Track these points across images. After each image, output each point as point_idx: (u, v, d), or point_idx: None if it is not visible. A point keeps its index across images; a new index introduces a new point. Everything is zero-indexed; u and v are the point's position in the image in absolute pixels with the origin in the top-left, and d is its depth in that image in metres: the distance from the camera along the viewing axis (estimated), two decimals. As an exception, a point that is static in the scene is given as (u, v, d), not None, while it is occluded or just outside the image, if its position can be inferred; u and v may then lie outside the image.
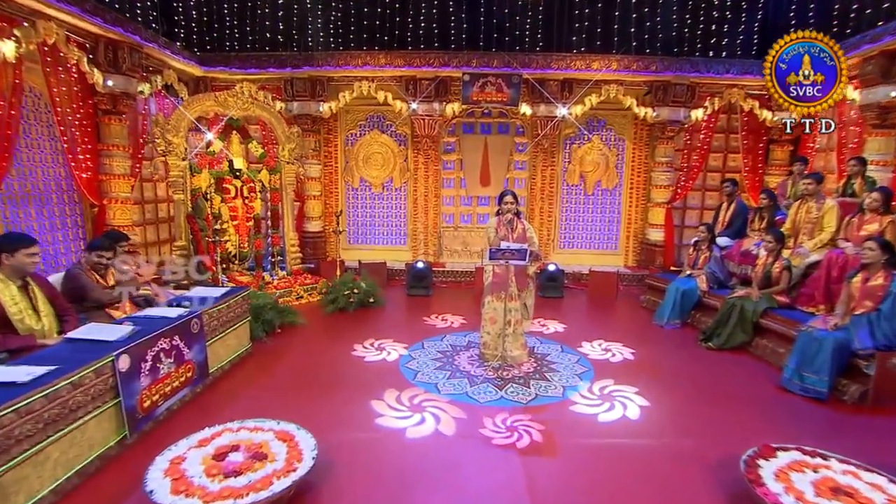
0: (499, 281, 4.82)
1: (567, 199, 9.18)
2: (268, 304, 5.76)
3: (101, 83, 6.04)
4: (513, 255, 4.44)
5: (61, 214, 6.15)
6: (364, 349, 5.37)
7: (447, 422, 3.86)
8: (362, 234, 9.29)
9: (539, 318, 6.49)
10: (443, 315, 6.66)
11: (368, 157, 8.99)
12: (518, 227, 4.93)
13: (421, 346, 5.51)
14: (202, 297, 4.68)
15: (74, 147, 6.01)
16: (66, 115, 5.87)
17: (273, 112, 7.53)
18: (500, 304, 4.79)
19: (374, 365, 4.98)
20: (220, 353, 4.62)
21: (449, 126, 8.87)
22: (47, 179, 5.96)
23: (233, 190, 7.13)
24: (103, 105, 6.28)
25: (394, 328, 6.09)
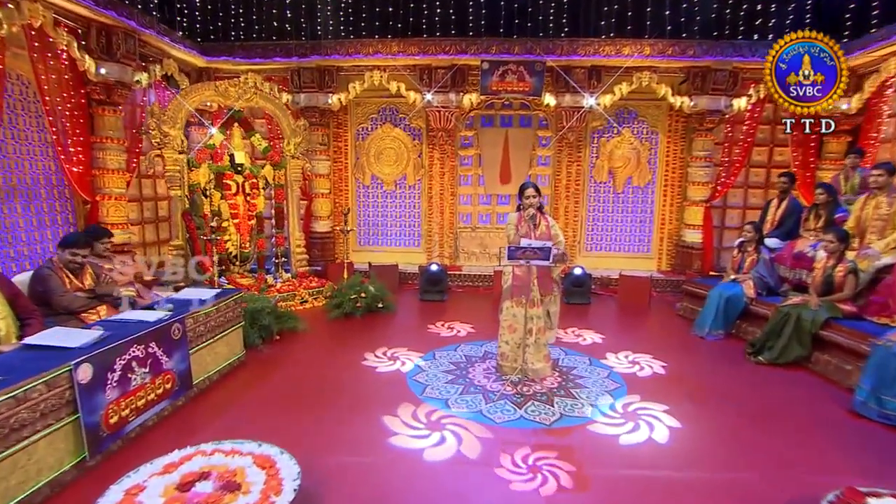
0: (519, 284, 4.39)
1: (594, 198, 8.68)
2: (266, 309, 5.41)
3: (94, 71, 5.81)
4: (535, 255, 4.00)
5: (50, 211, 5.93)
6: (377, 358, 5.01)
7: (470, 443, 3.45)
8: (373, 234, 8.93)
9: (573, 328, 6.06)
10: (450, 323, 6.24)
11: (380, 153, 8.65)
12: (541, 223, 4.51)
13: (432, 356, 5.10)
14: (188, 299, 4.35)
15: (65, 139, 5.79)
16: (56, 105, 5.65)
17: (278, 103, 7.24)
18: (521, 311, 4.38)
19: (383, 377, 4.61)
20: (208, 361, 4.28)
21: (466, 119, 8.48)
22: (35, 173, 5.74)
23: (234, 186, 6.84)
24: (96, 95, 6.06)
25: (402, 336, 5.71)
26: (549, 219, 4.58)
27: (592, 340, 5.69)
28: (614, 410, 3.99)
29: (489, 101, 8.32)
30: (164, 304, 4.04)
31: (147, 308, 3.99)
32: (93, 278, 3.96)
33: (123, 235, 6.47)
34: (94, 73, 5.83)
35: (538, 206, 4.49)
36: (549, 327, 4.72)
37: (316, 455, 3.20)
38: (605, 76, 7.75)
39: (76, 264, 3.79)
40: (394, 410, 3.90)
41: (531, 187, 4.46)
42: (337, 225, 8.77)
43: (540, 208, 4.53)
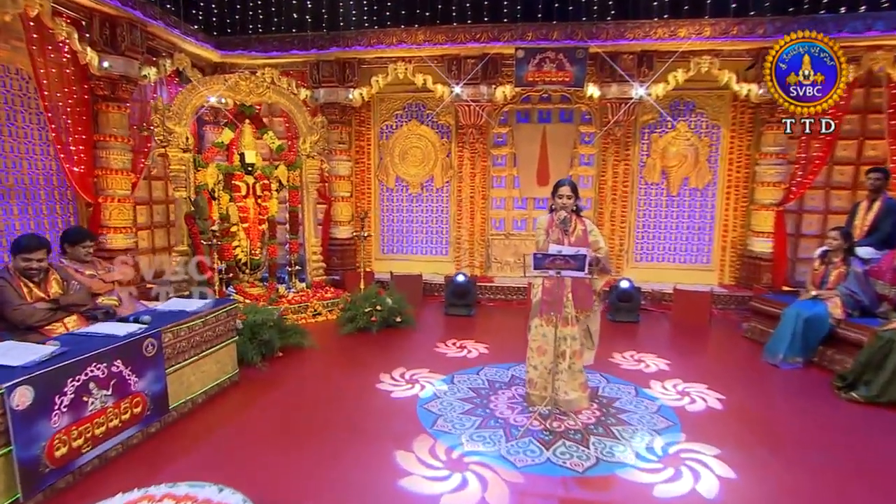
0: (549, 298, 3.89)
1: (645, 201, 8.01)
2: (268, 322, 5.07)
3: (96, 64, 5.69)
4: (566, 264, 3.47)
5: (50, 213, 5.83)
6: (393, 381, 4.60)
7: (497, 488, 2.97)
8: (397, 241, 8.56)
9: (631, 352, 5.46)
10: (463, 342, 5.75)
11: (405, 153, 8.29)
12: (577, 227, 3.99)
13: (451, 380, 4.61)
14: (173, 310, 4.04)
15: (66, 137, 5.68)
16: (56, 101, 5.55)
17: (293, 99, 6.99)
18: (552, 330, 3.86)
19: (396, 403, 4.18)
20: (192, 381, 3.95)
21: (500, 114, 8.01)
22: (34, 173, 5.65)
23: (244, 188, 6.60)
24: (100, 90, 5.94)
25: (416, 355, 5.27)
26: (588, 223, 4.05)
27: (657, 367, 5.05)
28: (651, 452, 3.40)
29: (525, 94, 7.83)
30: (143, 315, 3.72)
31: (122, 320, 3.68)
32: (60, 286, 3.69)
33: (127, 240, 6.32)
34: (97, 66, 5.71)
35: (574, 208, 3.99)
36: (589, 348, 4.20)
37: (290, 501, 2.76)
38: (657, 63, 7.11)
39: (34, 270, 3.52)
40: (409, 445, 3.46)
41: (566, 185, 3.96)
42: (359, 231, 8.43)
43: (576, 211, 4.03)
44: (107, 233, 6.13)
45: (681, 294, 6.87)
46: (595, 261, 3.89)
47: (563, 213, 3.87)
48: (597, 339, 4.21)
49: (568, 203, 3.92)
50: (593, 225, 4.08)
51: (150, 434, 3.51)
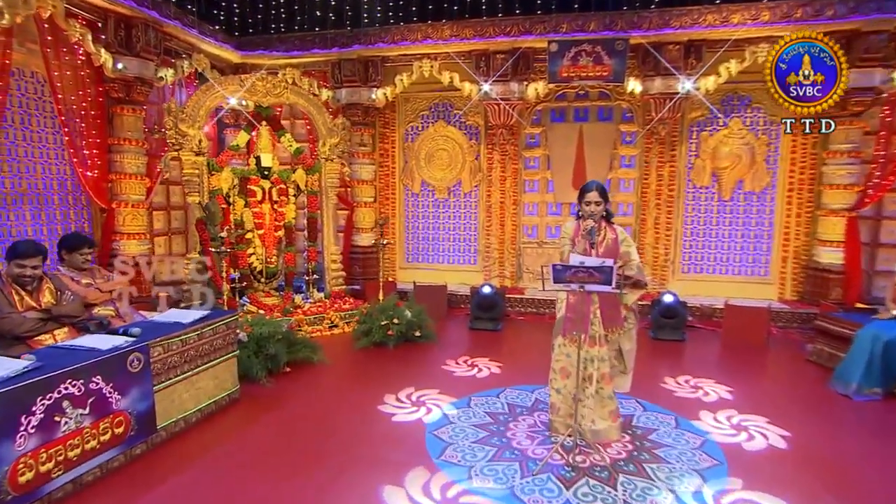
0: (574, 315, 3.58)
1: (694, 206, 7.53)
2: (275, 335, 4.93)
3: (111, 66, 5.74)
4: (590, 277, 3.17)
5: (64, 219, 5.90)
6: (398, 403, 4.36)
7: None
8: (423, 249, 8.36)
9: (686, 376, 4.99)
10: (475, 360, 5.47)
11: (432, 155, 8.10)
12: (606, 236, 3.69)
13: (467, 403, 4.33)
14: (167, 322, 3.93)
15: (79, 140, 5.74)
16: (70, 104, 5.62)
17: (313, 100, 6.92)
18: (576, 350, 3.53)
19: (400, 428, 3.94)
20: (184, 399, 3.82)
21: (532, 113, 7.72)
22: (48, 177, 5.73)
23: (259, 192, 6.55)
24: (115, 92, 5.99)
25: (429, 375, 5.02)
26: (619, 230, 3.73)
27: (717, 395, 4.59)
28: (698, 501, 3.00)
29: (560, 91, 7.52)
30: (133, 327, 3.62)
31: (111, 332, 3.58)
32: (53, 295, 3.62)
33: (141, 246, 6.34)
34: (112, 68, 5.76)
35: (603, 214, 3.70)
36: (622, 372, 3.85)
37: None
38: (706, 53, 6.67)
39: (27, 278, 3.46)
40: (401, 479, 3.19)
41: (594, 189, 3.65)
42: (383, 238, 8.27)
43: (607, 217, 3.73)
44: (120, 239, 6.16)
45: (733, 310, 6.36)
46: (624, 274, 3.56)
47: (591, 221, 3.56)
48: (631, 362, 3.84)
49: (596, 210, 3.62)
50: (625, 233, 3.75)
51: (135, 456, 3.38)
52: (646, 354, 5.85)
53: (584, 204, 3.65)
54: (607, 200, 3.69)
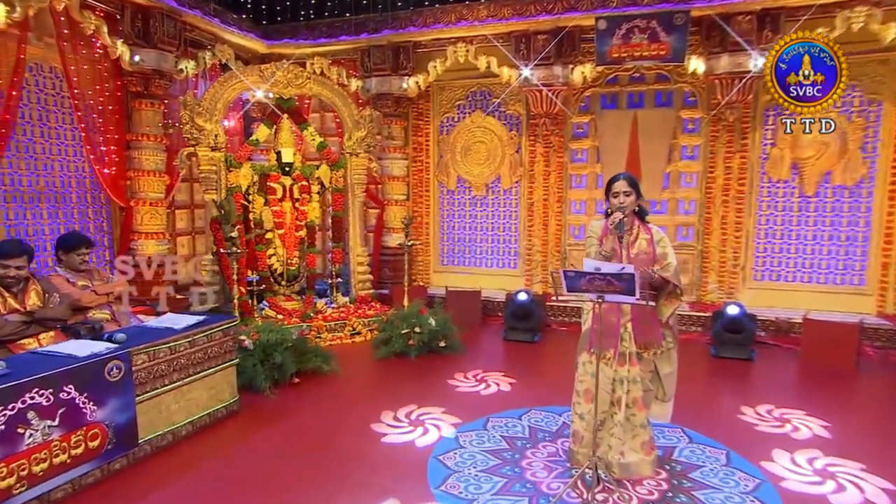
0: (601, 327, 3.25)
1: (769, 203, 6.92)
2: (284, 342, 4.85)
3: (128, 59, 5.86)
4: (608, 285, 2.85)
5: (82, 217, 6.08)
6: (394, 422, 4.18)
7: None
8: (459, 252, 8.14)
9: (767, 406, 4.49)
10: (483, 374, 5.21)
11: (468, 149, 7.88)
12: (639, 236, 3.38)
13: (482, 425, 4.08)
14: (160, 327, 3.91)
15: (96, 136, 5.91)
16: (87, 99, 5.79)
17: (337, 90, 6.87)
18: (606, 370, 3.29)
19: (397, 451, 3.76)
20: (173, 411, 3.78)
21: (580, 100, 7.36)
22: (66, 175, 5.92)
23: (279, 190, 6.52)
24: (133, 86, 6.12)
25: (438, 389, 4.84)
26: (655, 230, 3.41)
27: (812, 432, 4.06)
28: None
29: (611, 75, 7.12)
30: (118, 333, 3.59)
31: (96, 338, 3.56)
32: (39, 297, 3.66)
33: (160, 246, 6.45)
34: (129, 61, 5.88)
35: (636, 210, 3.38)
36: (661, 399, 3.51)
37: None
38: (785, 23, 6.10)
39: (11, 279, 3.50)
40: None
41: (623, 179, 3.35)
42: (416, 238, 8.12)
43: (640, 215, 3.42)
44: (138, 238, 6.30)
45: (814, 325, 5.77)
46: (660, 280, 3.23)
47: (619, 215, 3.22)
48: (671, 387, 3.50)
49: (626, 202, 3.28)
50: (661, 233, 3.41)
51: (113, 471, 3.34)
52: (704, 374, 5.47)
53: (611, 196, 3.33)
54: (640, 195, 3.36)
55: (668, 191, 7.18)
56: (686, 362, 5.74)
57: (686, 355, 5.98)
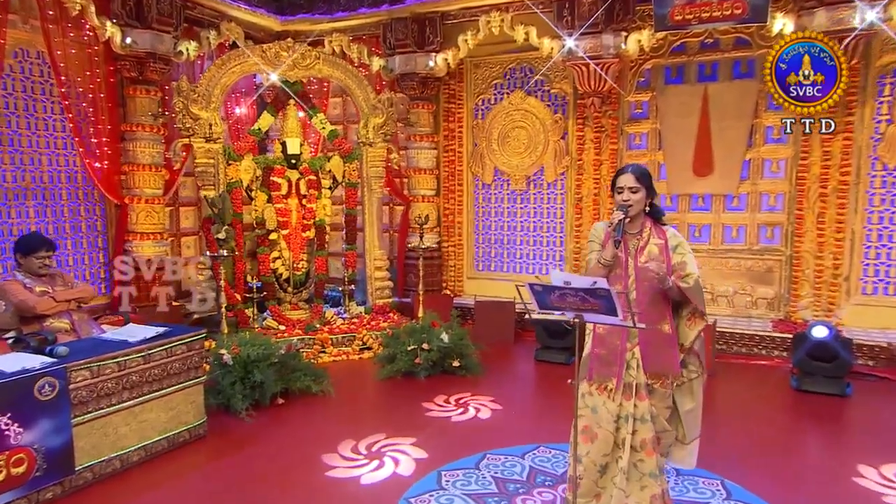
0: (603, 352, 3.07)
1: (883, 197, 6.29)
2: (267, 358, 4.82)
3: (119, 41, 6.02)
4: (583, 302, 2.58)
5: (73, 216, 6.33)
6: (353, 454, 4.08)
7: None
8: (497, 255, 7.92)
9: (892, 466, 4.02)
10: (464, 398, 4.88)
11: (506, 135, 7.68)
12: (650, 241, 3.05)
13: (475, 464, 3.87)
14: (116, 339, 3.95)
15: (87, 127, 6.12)
16: (76, 86, 6.01)
17: (351, 70, 6.84)
18: (608, 405, 3.03)
19: (364, 491, 3.62)
20: (123, 434, 3.82)
21: (638, 74, 7.03)
22: (55, 170, 6.17)
23: (284, 185, 6.55)
24: (127, 72, 6.30)
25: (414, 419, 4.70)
26: (671, 233, 3.09)
27: None
28: None
29: (677, 41, 6.72)
30: (59, 346, 3.64)
31: (37, 352, 3.63)
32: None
33: (157, 247, 6.60)
34: (120, 43, 6.03)
35: (647, 210, 3.07)
36: (682, 441, 3.18)
37: None
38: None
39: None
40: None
41: (631, 172, 3.03)
42: (446, 240, 7.97)
43: (654, 215, 3.11)
44: (133, 239, 6.48)
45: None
46: (678, 294, 2.94)
47: (618, 214, 2.95)
48: (694, 427, 3.16)
49: (632, 199, 2.98)
50: (678, 236, 3.08)
51: (43, 501, 3.39)
52: (775, 410, 5.04)
53: (616, 192, 3.05)
54: (652, 191, 3.05)
55: (748, 182, 6.71)
56: (756, 394, 5.51)
57: (759, 385, 5.71)
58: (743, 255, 6.78)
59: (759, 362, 6.15)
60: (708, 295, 6.86)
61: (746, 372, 5.94)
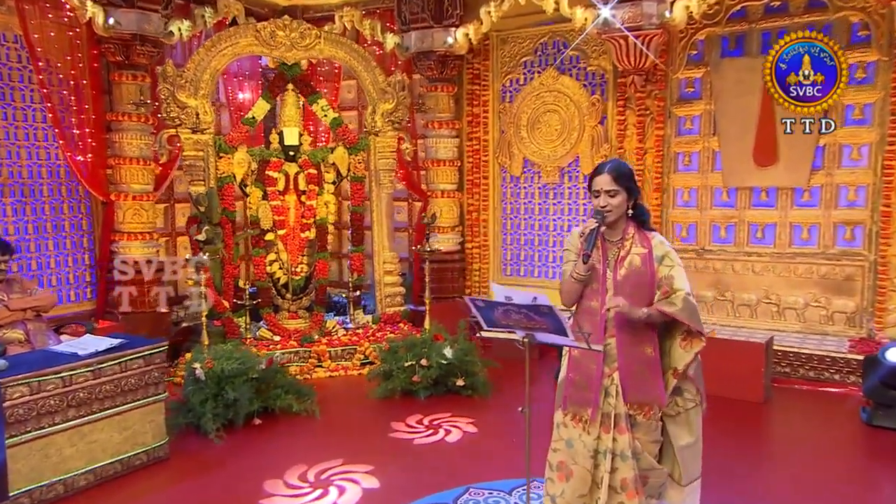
0: (578, 377, 3.02)
1: None
2: (244, 374, 4.88)
3: (102, 22, 6.19)
4: (528, 320, 2.54)
5: (55, 214, 6.57)
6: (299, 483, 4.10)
7: None
8: (526, 257, 7.80)
9: None
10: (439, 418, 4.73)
11: (536, 121, 7.61)
12: (633, 251, 2.96)
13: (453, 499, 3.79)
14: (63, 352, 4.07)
15: (67, 117, 6.32)
16: (56, 72, 6.23)
17: (356, 50, 6.89)
18: (584, 438, 2.96)
19: None
20: (68, 456, 3.91)
21: (689, 46, 6.84)
22: (35, 164, 6.42)
23: (281, 180, 6.64)
24: (112, 55, 6.49)
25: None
26: (657, 240, 2.99)
27: None
28: None
29: (736, 6, 6.49)
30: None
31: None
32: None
33: (145, 248, 6.76)
34: (103, 24, 6.19)
35: (630, 215, 2.97)
36: (678, 482, 3.04)
37: None
38: None
39: None
40: None
41: (608, 173, 2.90)
42: (470, 241, 7.90)
43: (639, 220, 3.02)
44: (120, 239, 6.66)
45: None
46: (660, 319, 2.85)
47: (591, 222, 2.87)
48: (692, 465, 3.02)
49: (610, 203, 2.88)
50: (665, 245, 2.97)
51: (-39, 531, 3.50)
52: (842, 451, 4.74)
53: (593, 195, 2.96)
54: (635, 192, 2.95)
55: (821, 173, 6.42)
56: (816, 427, 5.24)
57: (822, 417, 5.44)
58: (816, 259, 6.44)
59: (830, 389, 5.80)
60: (774, 307, 6.58)
61: (810, 400, 5.66)
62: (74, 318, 6.66)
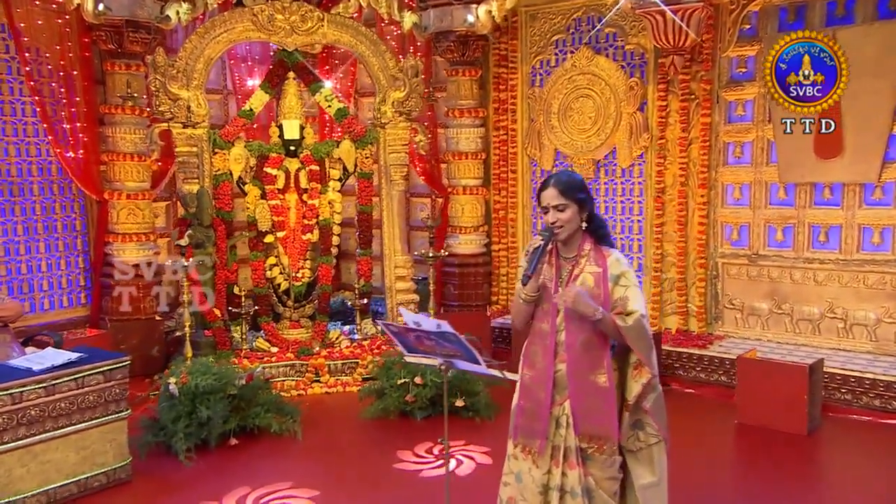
0: (528, 405, 3.11)
1: None
2: (220, 390, 5.08)
3: (91, 8, 6.47)
4: (441, 348, 2.71)
5: (46, 214, 6.95)
6: None
7: None
8: (559, 262, 7.74)
9: None
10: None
11: (568, 108, 7.60)
12: (585, 270, 3.02)
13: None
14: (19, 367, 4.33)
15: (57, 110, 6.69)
16: (45, 62, 6.60)
17: (363, 33, 7.00)
18: (533, 472, 3.05)
19: None
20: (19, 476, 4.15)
21: (741, 20, 6.74)
22: (25, 161, 6.80)
23: (281, 177, 6.81)
24: (104, 44, 6.79)
25: None
26: (613, 258, 3.03)
27: None
28: None
29: None
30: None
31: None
32: None
33: (141, 250, 7.06)
34: (92, 10, 6.48)
35: (583, 227, 3.04)
36: None
37: None
38: None
39: None
40: None
41: (553, 186, 2.98)
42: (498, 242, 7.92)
43: (596, 235, 3.10)
44: (114, 240, 6.97)
45: None
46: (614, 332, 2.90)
47: (536, 240, 2.96)
48: None
49: (560, 219, 2.95)
50: (622, 264, 3.02)
51: None
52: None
53: (542, 210, 3.04)
54: (588, 204, 3.03)
55: (893, 166, 6.11)
56: (863, 465, 5.10)
57: (876, 453, 5.24)
58: (890, 268, 6.23)
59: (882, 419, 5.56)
60: (840, 322, 6.37)
61: (866, 434, 5.46)
62: (67, 324, 7.06)
